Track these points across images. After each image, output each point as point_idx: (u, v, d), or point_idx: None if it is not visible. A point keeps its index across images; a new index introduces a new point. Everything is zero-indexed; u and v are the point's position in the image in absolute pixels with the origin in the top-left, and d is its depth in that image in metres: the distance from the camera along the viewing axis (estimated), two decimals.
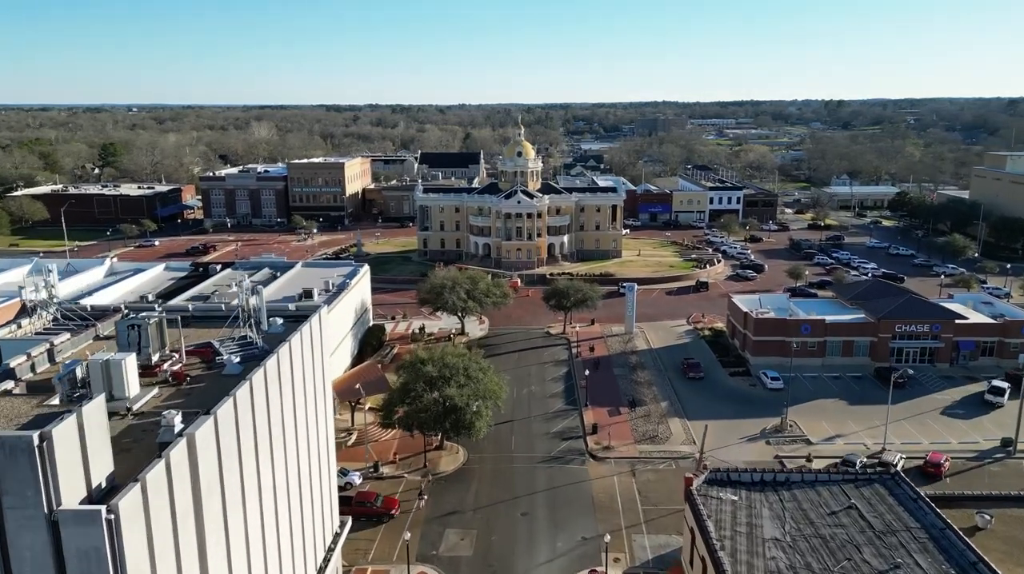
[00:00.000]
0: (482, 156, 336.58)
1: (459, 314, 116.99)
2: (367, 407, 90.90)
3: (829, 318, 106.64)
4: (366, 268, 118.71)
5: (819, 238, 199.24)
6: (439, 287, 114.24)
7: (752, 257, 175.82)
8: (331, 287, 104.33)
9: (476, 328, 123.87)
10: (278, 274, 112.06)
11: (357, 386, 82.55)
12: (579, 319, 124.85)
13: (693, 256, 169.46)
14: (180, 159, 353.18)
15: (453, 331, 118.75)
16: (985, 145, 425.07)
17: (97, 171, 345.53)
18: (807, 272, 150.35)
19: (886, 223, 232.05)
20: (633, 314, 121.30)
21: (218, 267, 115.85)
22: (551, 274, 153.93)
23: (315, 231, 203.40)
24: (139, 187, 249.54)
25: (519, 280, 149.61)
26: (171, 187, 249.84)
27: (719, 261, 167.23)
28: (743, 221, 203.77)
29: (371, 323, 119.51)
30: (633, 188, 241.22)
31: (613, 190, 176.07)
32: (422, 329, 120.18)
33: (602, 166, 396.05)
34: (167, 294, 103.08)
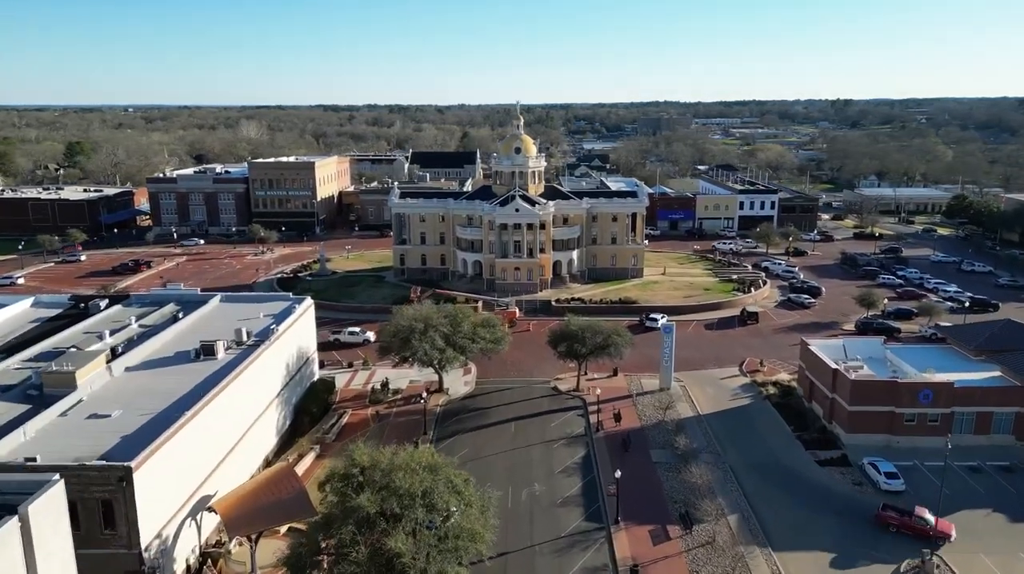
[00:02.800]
0: (479, 156, 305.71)
1: (435, 366, 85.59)
2: (284, 530, 59.65)
3: (956, 380, 75.19)
4: (308, 303, 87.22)
5: (873, 251, 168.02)
6: (406, 331, 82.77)
7: (801, 275, 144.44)
8: (246, 338, 72.95)
9: (459, 381, 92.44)
10: (180, 315, 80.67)
11: (232, 543, 51.15)
12: (597, 368, 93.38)
13: (734, 277, 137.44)
14: (148, 158, 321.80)
15: (426, 390, 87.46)
16: (1017, 145, 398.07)
17: (61, 172, 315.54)
18: (885, 301, 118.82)
19: (942, 231, 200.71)
20: (671, 363, 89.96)
21: (102, 304, 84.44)
22: (557, 301, 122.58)
23: (273, 241, 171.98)
24: (85, 190, 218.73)
25: (517, 310, 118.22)
26: (120, 190, 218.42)
27: (764, 282, 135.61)
28: (782, 230, 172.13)
29: (315, 377, 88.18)
30: (649, 191, 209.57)
31: (633, 194, 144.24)
32: (385, 385, 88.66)
33: (608, 166, 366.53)
34: (9, 348, 72.00)
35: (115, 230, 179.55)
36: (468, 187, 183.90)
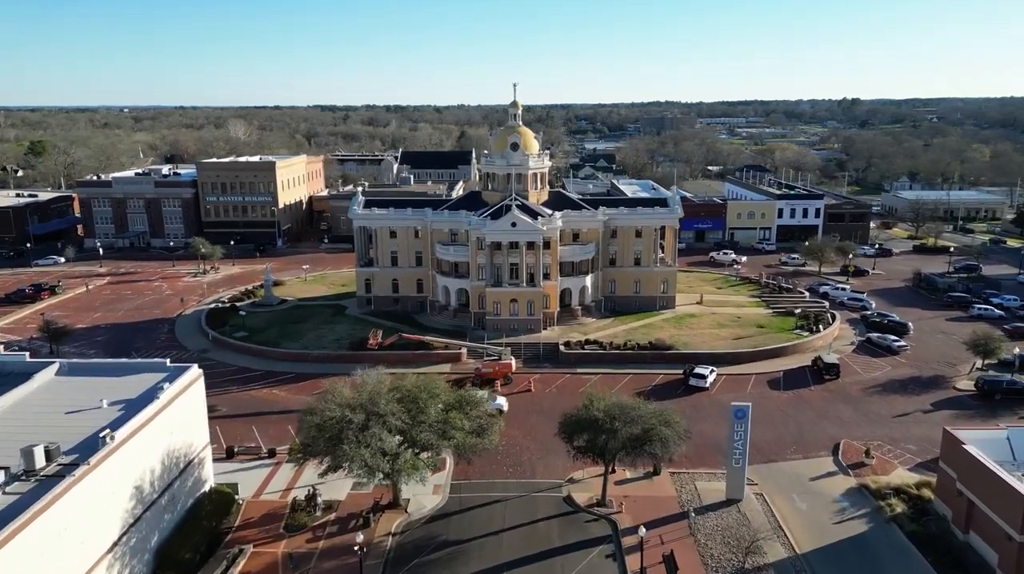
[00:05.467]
0: (474, 156, 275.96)
1: (385, 476, 55.30)
2: None
3: None
4: (194, 376, 57.07)
5: (949, 269, 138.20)
6: (335, 426, 52.72)
7: (873, 304, 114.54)
8: (43, 462, 42.94)
9: (426, 492, 62.27)
10: None
11: None
12: (630, 462, 62.87)
13: (797, 311, 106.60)
14: (111, 158, 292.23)
15: (374, 504, 57.70)
16: None
17: (20, 174, 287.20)
18: (1016, 350, 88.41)
19: (1012, 243, 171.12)
20: (744, 462, 60.00)
21: None
22: (568, 345, 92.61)
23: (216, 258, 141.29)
24: (17, 195, 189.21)
25: (513, 360, 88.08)
26: (57, 195, 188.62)
27: (833, 317, 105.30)
28: (836, 243, 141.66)
29: (207, 486, 58.29)
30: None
31: (662, 203, 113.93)
32: (311, 498, 58.68)
33: (614, 167, 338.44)
34: None
35: (29, 244, 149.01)
36: (458, 192, 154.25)
